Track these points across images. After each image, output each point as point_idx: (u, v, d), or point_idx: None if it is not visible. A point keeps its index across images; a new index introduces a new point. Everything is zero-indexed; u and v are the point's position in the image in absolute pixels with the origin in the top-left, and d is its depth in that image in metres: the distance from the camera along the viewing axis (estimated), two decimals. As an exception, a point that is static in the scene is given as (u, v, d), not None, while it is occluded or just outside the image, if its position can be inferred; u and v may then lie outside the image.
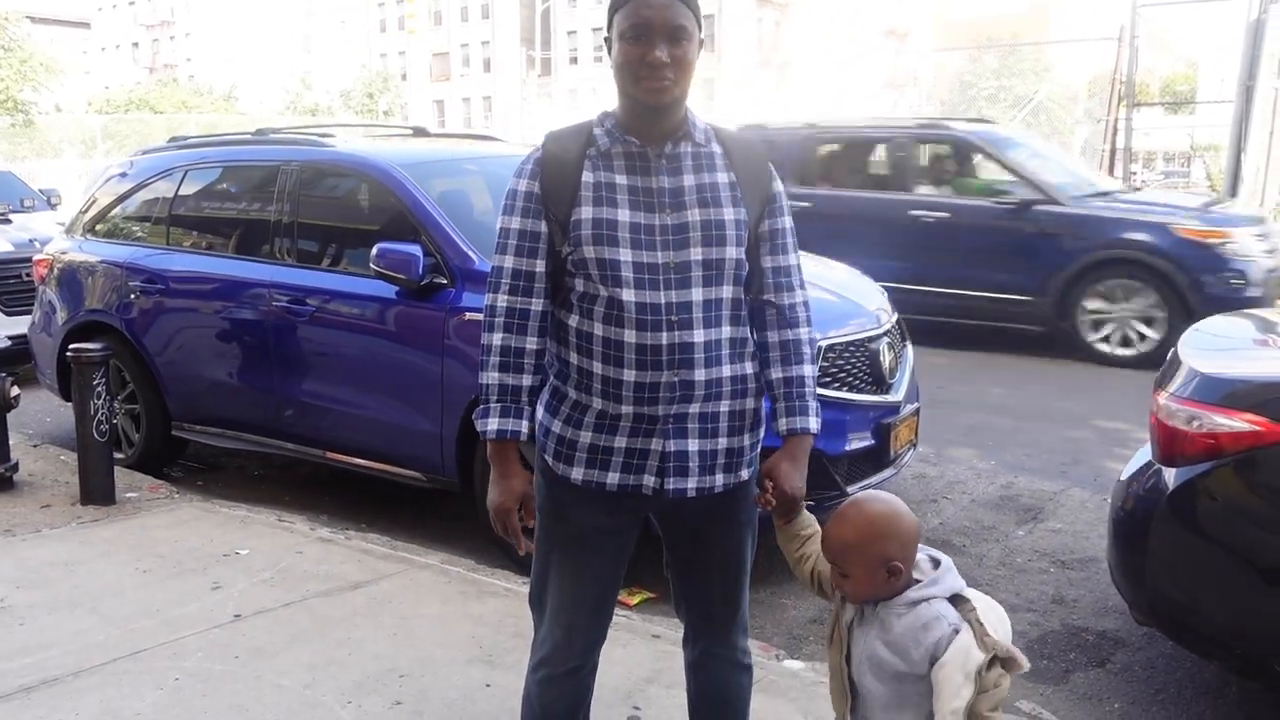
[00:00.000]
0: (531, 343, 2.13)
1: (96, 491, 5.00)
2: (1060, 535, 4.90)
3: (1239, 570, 3.04)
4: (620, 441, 2.12)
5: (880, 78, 43.48)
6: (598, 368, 2.09)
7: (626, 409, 2.09)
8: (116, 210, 6.09)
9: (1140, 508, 3.30)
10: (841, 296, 4.72)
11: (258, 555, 4.31)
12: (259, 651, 3.42)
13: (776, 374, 2.20)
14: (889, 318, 4.76)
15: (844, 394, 4.31)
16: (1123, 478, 3.61)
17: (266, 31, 75.36)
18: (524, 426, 2.14)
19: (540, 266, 2.12)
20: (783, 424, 2.19)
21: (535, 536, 2.28)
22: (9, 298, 7.80)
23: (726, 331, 2.11)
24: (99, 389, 4.98)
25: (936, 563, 1.98)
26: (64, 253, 6.23)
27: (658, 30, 1.99)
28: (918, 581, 1.94)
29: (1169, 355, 3.60)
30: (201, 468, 6.10)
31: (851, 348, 4.38)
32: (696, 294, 2.07)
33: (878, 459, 4.47)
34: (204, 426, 5.53)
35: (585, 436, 2.14)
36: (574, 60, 63.57)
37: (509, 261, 2.13)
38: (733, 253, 2.10)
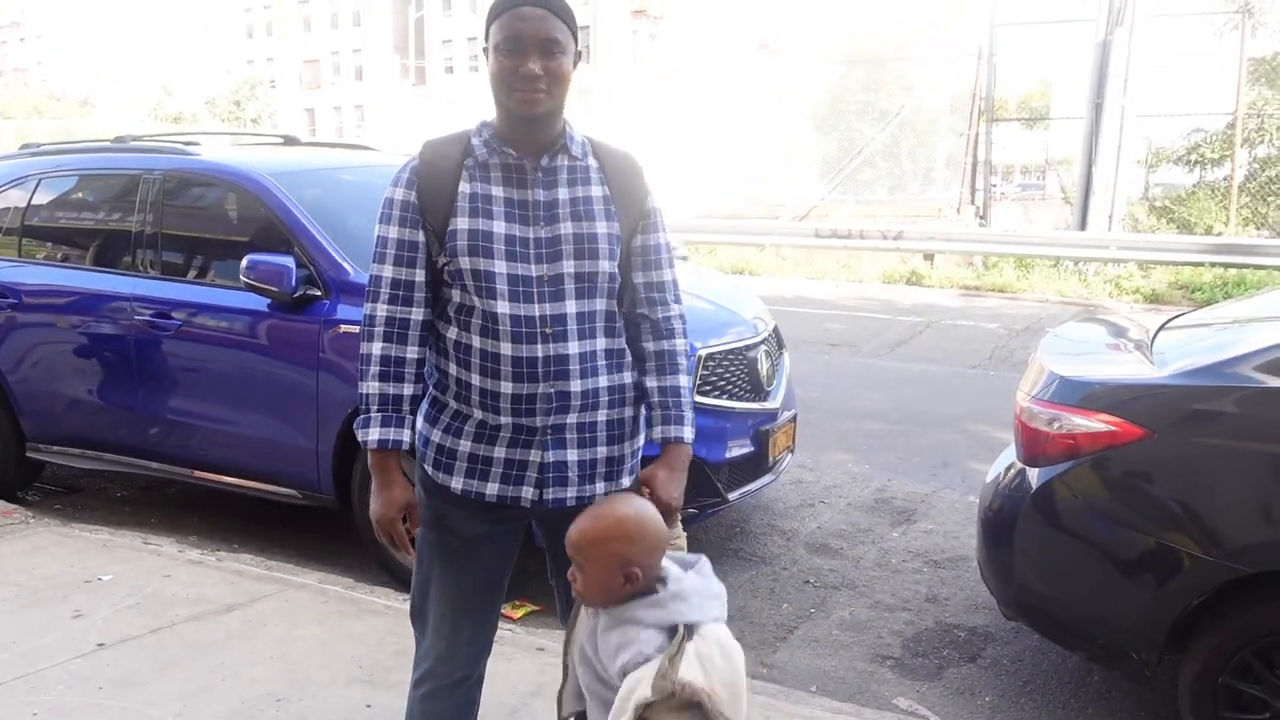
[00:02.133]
0: (412, 352, 2.11)
1: (-57, 518, 4.72)
2: (932, 535, 5.05)
3: (1098, 564, 3.19)
4: (500, 452, 2.11)
5: (756, 90, 44.31)
6: (476, 379, 2.08)
7: (505, 420, 2.09)
8: (-37, 221, 5.75)
9: (1006, 507, 3.43)
10: (719, 305, 4.78)
11: (122, 580, 4.12)
12: (126, 681, 3.27)
13: (652, 383, 2.22)
14: (766, 326, 4.84)
15: (723, 402, 4.37)
16: (989, 479, 3.75)
17: (125, 35, 72.52)
18: (405, 435, 2.12)
19: (419, 276, 2.10)
20: (658, 432, 2.21)
21: (416, 548, 2.25)
22: None
23: (602, 343, 2.13)
24: (-55, 410, 4.70)
25: (665, 583, 1.86)
26: (-96, 266, 5.86)
27: (530, 43, 2.00)
28: (650, 595, 1.84)
29: (1029, 359, 3.75)
30: (60, 490, 5.81)
31: (730, 356, 4.44)
32: (570, 306, 2.08)
33: (757, 465, 4.54)
34: (62, 447, 5.27)
35: (465, 446, 2.13)
36: (449, 69, 62.92)
37: (388, 270, 2.11)
38: (605, 266, 2.11)
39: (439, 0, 62.69)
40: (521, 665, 3.41)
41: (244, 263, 4.33)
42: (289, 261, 4.31)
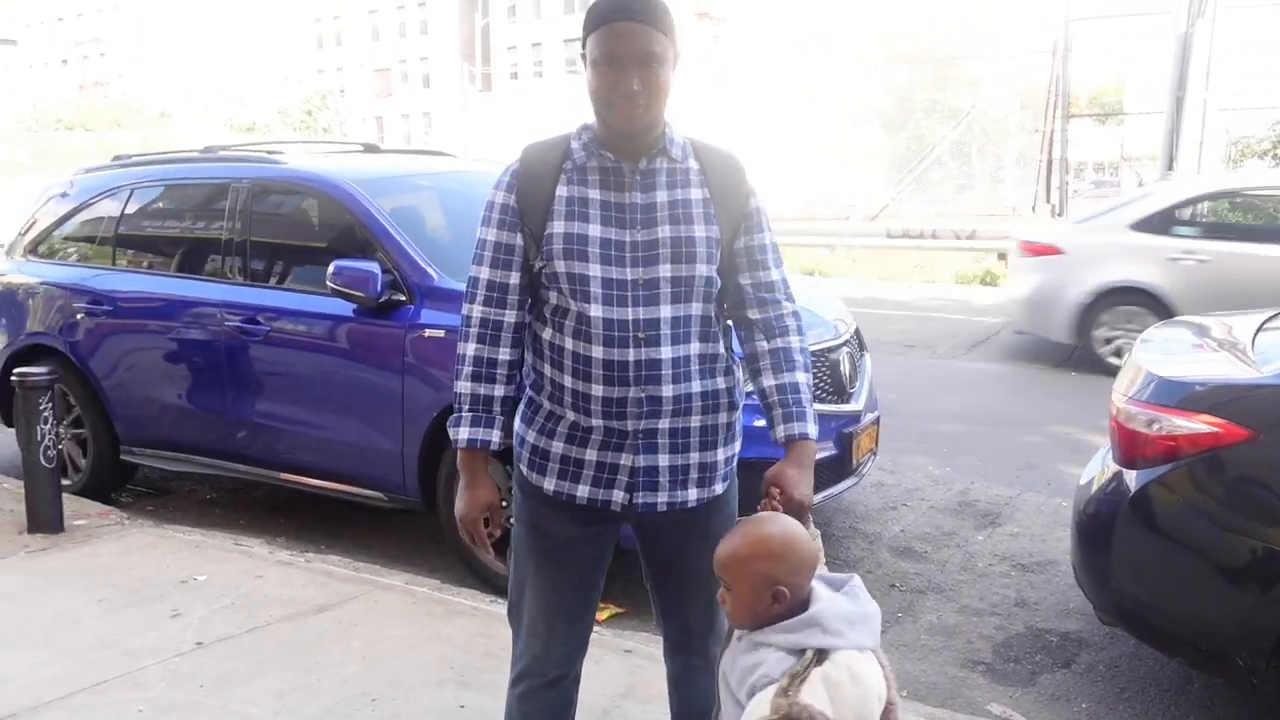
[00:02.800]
0: (504, 353, 2.13)
1: (44, 519, 4.86)
2: (1019, 539, 4.96)
3: (1200, 568, 3.11)
4: (591, 454, 2.12)
5: (820, 90, 43.97)
6: (568, 381, 2.09)
7: (597, 422, 2.09)
8: (59, 231, 5.94)
9: (1103, 510, 3.36)
10: (800, 307, 4.74)
11: (216, 580, 4.21)
12: (224, 679, 3.35)
13: (769, 382, 2.18)
14: (847, 327, 4.80)
15: (806, 404, 4.33)
16: (1082, 481, 3.68)
17: (201, 48, 74.26)
18: (495, 436, 2.14)
19: (514, 279, 2.12)
20: (780, 431, 2.15)
21: (512, 546, 2.27)
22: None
23: (695, 348, 2.11)
24: (45, 414, 4.85)
25: (807, 608, 1.81)
26: (3, 274, 6.07)
27: (628, 60, 1.99)
28: (788, 620, 1.80)
29: (1124, 360, 3.68)
30: (151, 492, 5.97)
31: (812, 358, 4.40)
32: (665, 310, 2.07)
33: (840, 468, 4.50)
34: (154, 450, 5.41)
35: (557, 447, 2.14)
36: (514, 75, 63.41)
37: (484, 272, 2.13)
38: (702, 270, 2.09)
39: (504, 7, 63.25)
40: (611, 667, 3.42)
41: (330, 268, 4.41)
42: (374, 267, 4.37)
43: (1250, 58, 18.70)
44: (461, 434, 2.13)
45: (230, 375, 4.98)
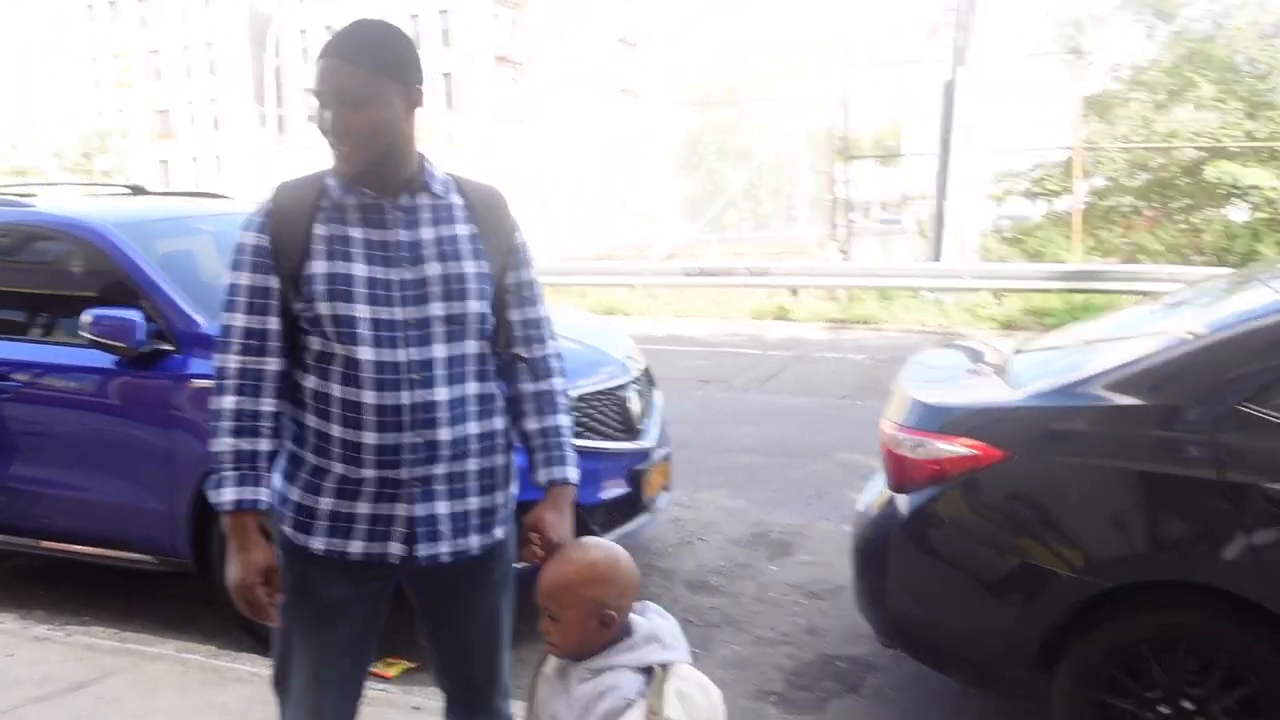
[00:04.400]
0: (267, 404, 2.01)
1: None
2: (811, 567, 5.09)
3: (968, 586, 3.25)
4: (364, 508, 2.02)
5: (618, 134, 44.82)
6: (336, 430, 1.99)
7: (369, 473, 2.00)
8: None
9: (877, 534, 3.47)
10: (588, 345, 4.75)
11: (-42, 664, 3.83)
12: (-41, 774, 3.03)
13: (533, 425, 2.15)
14: (637, 365, 4.83)
15: (595, 443, 4.32)
16: (859, 507, 3.80)
17: (-39, 86, 69.11)
18: (262, 494, 2.01)
19: (273, 324, 2.01)
20: (542, 475, 2.14)
21: (278, 610, 2.14)
22: None
23: (473, 388, 2.06)
24: None
25: (635, 630, 1.88)
26: None
27: (329, 99, 1.95)
28: (621, 642, 1.85)
29: (892, 387, 3.83)
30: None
31: (601, 397, 4.42)
32: (439, 350, 2.01)
33: (632, 506, 4.51)
34: (-111, 523, 4.89)
35: (326, 503, 2.03)
36: (311, 118, 61.73)
37: (239, 319, 2.01)
38: (475, 307, 2.05)
39: (298, 48, 61.68)
40: (397, 726, 3.28)
41: (87, 318, 4.11)
42: (136, 315, 4.11)
43: (1013, 103, 20.23)
44: (226, 495, 1.98)
45: (-22, 437, 4.57)
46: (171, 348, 4.15)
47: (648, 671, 1.81)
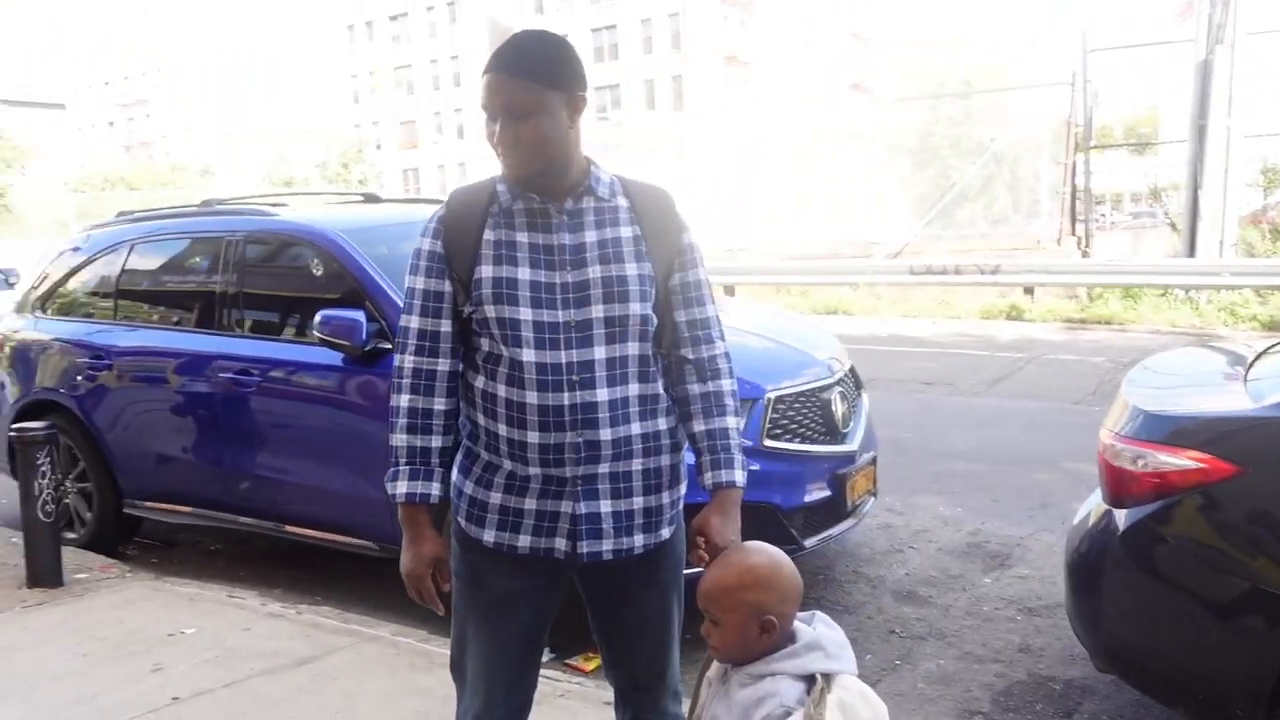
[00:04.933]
0: (439, 403, 2.09)
1: (43, 573, 4.87)
2: (1028, 582, 4.82)
3: (1193, 612, 2.98)
4: (530, 503, 2.06)
5: (848, 130, 44.07)
6: (503, 429, 2.04)
7: (534, 470, 2.04)
8: (66, 286, 6.02)
9: (1093, 550, 3.24)
10: (790, 346, 4.68)
11: (204, 634, 4.18)
12: (194, 736, 3.30)
13: (699, 427, 2.14)
14: (841, 366, 4.72)
15: (796, 445, 4.26)
16: (1076, 520, 3.56)
17: (242, 106, 75.86)
18: (434, 489, 2.09)
19: (446, 326, 2.08)
20: (708, 478, 2.13)
21: (453, 601, 2.21)
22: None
23: (634, 389, 2.07)
24: (43, 468, 4.88)
25: (798, 637, 1.86)
26: (14, 331, 6.14)
27: (500, 112, 1.99)
28: (783, 649, 1.83)
29: (1112, 392, 3.57)
30: (157, 545, 5.97)
31: (802, 398, 4.33)
32: (599, 352, 2.02)
33: (835, 510, 4.40)
34: (156, 503, 5.42)
35: (496, 498, 2.09)
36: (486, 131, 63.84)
37: (414, 322, 2.10)
38: (636, 309, 2.05)
39: (535, 57, 63.93)
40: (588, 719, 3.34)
41: (317, 318, 4.41)
42: (360, 316, 4.37)
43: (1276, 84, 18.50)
44: (400, 488, 2.08)
45: (228, 427, 4.99)
46: (392, 346, 4.38)
47: (809, 680, 1.78)
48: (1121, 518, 3.10)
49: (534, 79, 1.97)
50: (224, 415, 4.96)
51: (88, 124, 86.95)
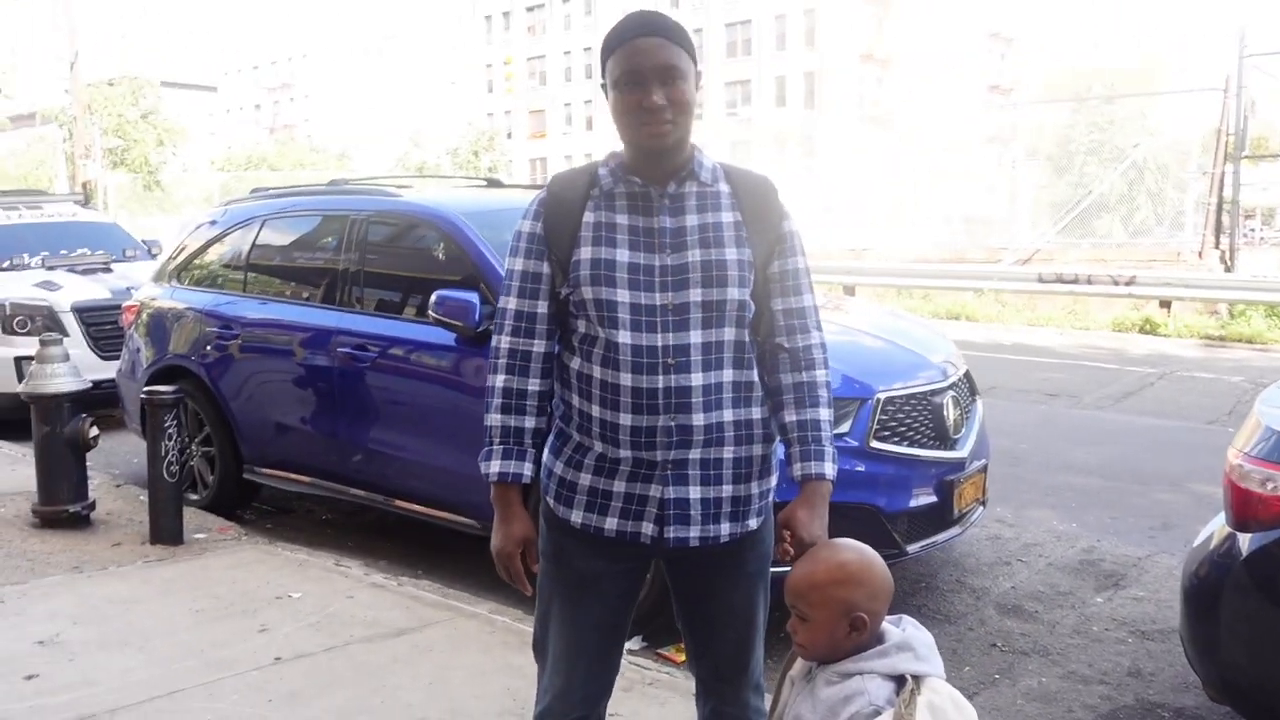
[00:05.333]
0: (534, 384, 2.10)
1: (165, 531, 5.10)
2: (1143, 604, 4.62)
3: (1319, 646, 2.81)
4: (619, 486, 2.06)
5: (983, 131, 42.87)
6: (596, 411, 2.04)
7: (625, 453, 2.03)
8: (201, 258, 6.27)
9: (1212, 575, 3.09)
10: (904, 348, 4.58)
11: (309, 599, 4.32)
12: (293, 696, 3.41)
13: (790, 418, 2.11)
14: (956, 370, 4.59)
15: (904, 449, 4.16)
16: (1196, 543, 3.39)
17: (381, 92, 78.08)
18: (526, 469, 2.10)
19: (542, 308, 2.09)
20: (797, 469, 2.10)
21: (538, 581, 2.23)
22: (105, 343, 8.07)
23: (729, 375, 2.04)
24: (170, 431, 5.10)
25: (887, 637, 1.84)
26: (151, 299, 6.44)
27: (650, 74, 1.97)
28: (873, 648, 1.80)
29: (1247, 413, 3.39)
30: (273, 511, 6.18)
31: (913, 401, 4.23)
32: (695, 336, 2.01)
33: (940, 517, 4.29)
34: (274, 470, 5.61)
35: (585, 479, 2.09)
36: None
37: (512, 303, 2.11)
38: (735, 294, 2.03)
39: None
40: (675, 709, 3.33)
41: (433, 298, 4.49)
42: (474, 297, 4.43)
43: None
44: (493, 468, 2.10)
45: (344, 401, 5.13)
46: (503, 328, 4.44)
47: (898, 680, 1.76)
48: (1245, 542, 2.95)
49: (681, 45, 1.99)
50: (341, 389, 5.10)
51: (236, 106, 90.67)
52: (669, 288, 2.01)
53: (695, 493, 2.05)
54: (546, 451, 2.18)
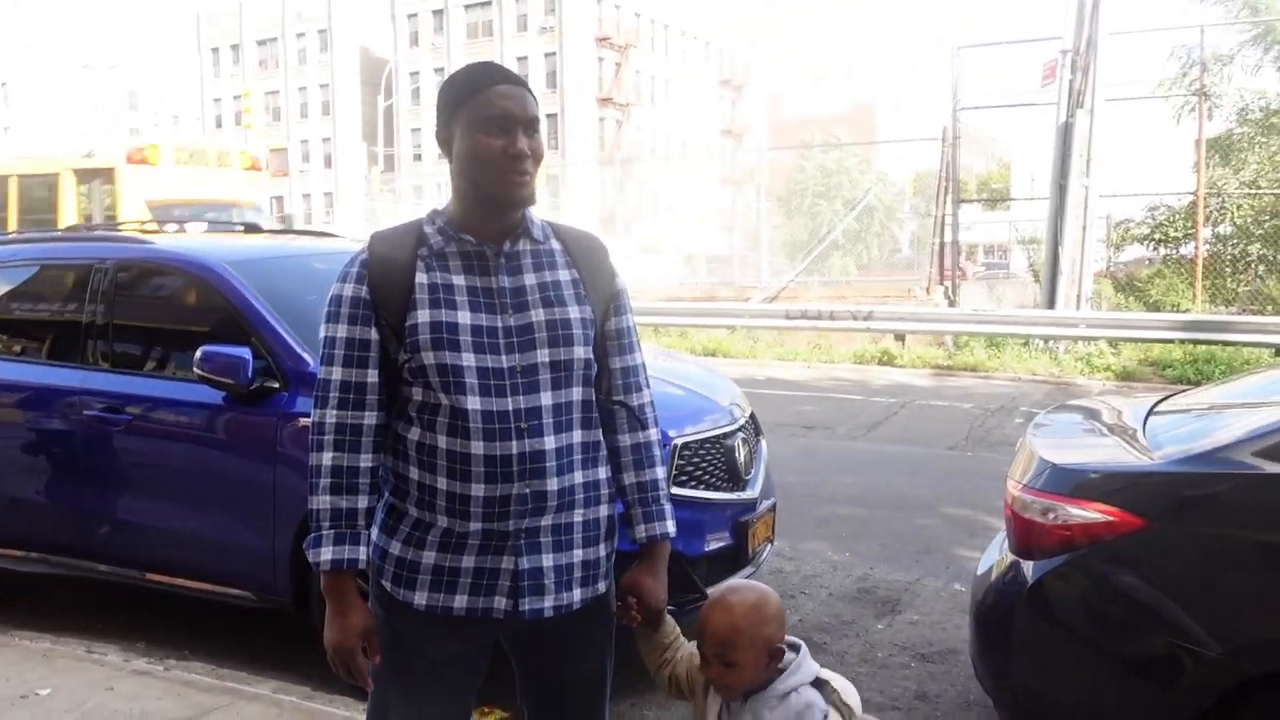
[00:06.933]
0: (366, 460, 1.94)
1: (-128, 629, 4.43)
2: (918, 627, 4.86)
3: (1101, 664, 3.02)
4: (468, 561, 1.94)
5: (720, 175, 44.90)
6: (442, 483, 1.91)
7: (475, 525, 1.92)
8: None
9: (1001, 602, 3.26)
10: (693, 392, 4.64)
11: (60, 694, 3.85)
12: (56, 812, 3.01)
13: (630, 479, 2.10)
14: (743, 412, 4.69)
15: (700, 493, 4.20)
16: (980, 570, 3.59)
17: (98, 123, 72.80)
18: (361, 553, 1.95)
19: (372, 377, 1.94)
20: (641, 530, 2.09)
21: (371, 673, 2.05)
22: None
23: (578, 436, 1.99)
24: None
25: (795, 648, 2.02)
26: None
27: (518, 120, 1.91)
28: (780, 671, 1.96)
29: (1018, 445, 3.62)
30: (2, 595, 5.50)
31: (706, 445, 4.28)
32: (546, 398, 1.93)
33: (736, 558, 4.35)
34: (3, 550, 5.00)
35: (429, 557, 1.95)
36: (418, 157, 63.49)
37: (337, 373, 1.95)
38: (581, 352, 1.98)
39: (408, 90, 63.50)
40: (490, 783, 3.17)
41: (198, 354, 4.15)
42: (245, 352, 4.13)
43: (1131, 148, 19.59)
44: (325, 555, 1.92)
45: (91, 468, 4.65)
46: (279, 385, 4.16)
47: (819, 684, 1.96)
48: (1030, 569, 3.13)
49: (534, 98, 1.96)
50: (88, 455, 4.62)
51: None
52: (515, 349, 1.93)
53: (549, 560, 1.97)
54: (376, 530, 2.02)
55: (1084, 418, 3.94)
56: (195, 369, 4.16)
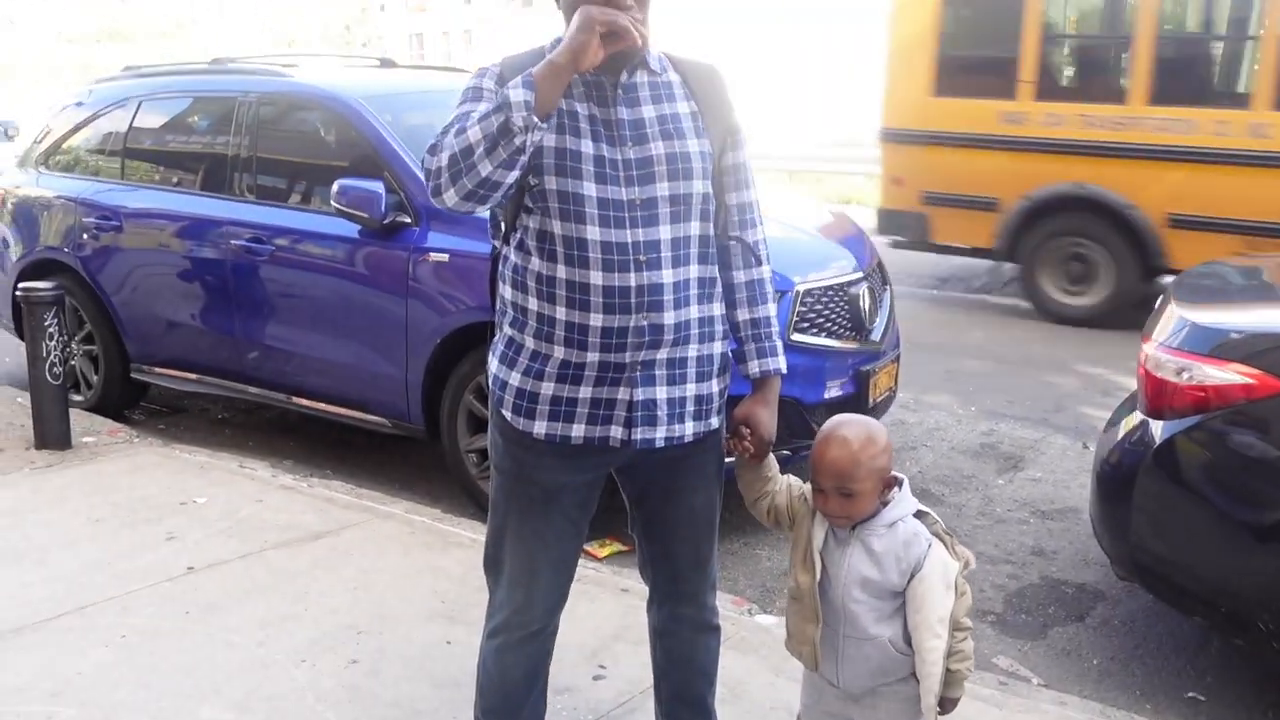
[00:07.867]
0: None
1: (51, 436, 4.84)
2: (1040, 484, 4.81)
3: (1225, 527, 2.95)
4: (585, 391, 1.97)
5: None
6: (561, 313, 1.94)
7: (592, 356, 1.95)
8: (71, 142, 5.83)
9: (1125, 461, 3.20)
10: (818, 238, 4.56)
11: (216, 504, 4.16)
12: (211, 607, 3.29)
13: (744, 315, 2.11)
14: (870, 260, 4.60)
15: (822, 340, 4.17)
16: (1106, 429, 3.51)
17: (241, -40, 73.45)
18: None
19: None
20: (754, 366, 2.12)
21: (491, 497, 2.15)
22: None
23: (694, 271, 1.98)
24: (51, 330, 4.80)
25: (899, 482, 2.03)
26: (17, 186, 5.99)
27: None
28: (885, 503, 1.98)
29: (1158, 301, 3.47)
30: (164, 411, 5.93)
31: (830, 292, 4.23)
32: (664, 231, 1.92)
33: (856, 407, 4.32)
34: (164, 369, 5.35)
35: (547, 388, 1.99)
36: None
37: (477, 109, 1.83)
38: (700, 187, 1.96)
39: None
40: (605, 606, 3.33)
41: (334, 187, 4.27)
42: (379, 187, 4.22)
43: None
44: (515, 96, 1.76)
45: (239, 295, 4.89)
46: (410, 220, 4.26)
47: (920, 515, 2.00)
48: (1159, 429, 3.05)
49: None
50: (235, 282, 4.85)
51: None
52: (634, 182, 1.91)
53: (663, 393, 2.00)
54: (496, 361, 2.07)
55: (1231, 274, 3.74)
56: (332, 202, 4.28)
